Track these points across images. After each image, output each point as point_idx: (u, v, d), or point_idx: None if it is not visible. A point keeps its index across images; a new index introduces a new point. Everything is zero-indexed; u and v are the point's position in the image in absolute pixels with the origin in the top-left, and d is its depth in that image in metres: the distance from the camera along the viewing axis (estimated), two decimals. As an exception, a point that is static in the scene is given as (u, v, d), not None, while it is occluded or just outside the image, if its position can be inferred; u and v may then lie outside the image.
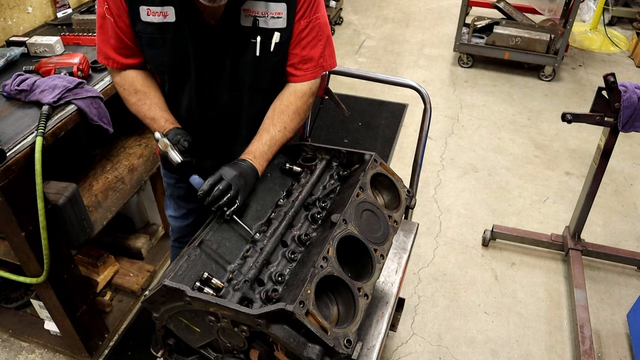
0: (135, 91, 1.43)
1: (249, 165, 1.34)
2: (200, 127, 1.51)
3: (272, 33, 1.34)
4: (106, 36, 1.37)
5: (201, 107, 1.47)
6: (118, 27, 1.34)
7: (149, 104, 1.43)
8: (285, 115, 1.42)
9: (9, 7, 2.13)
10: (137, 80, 1.44)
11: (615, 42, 4.75)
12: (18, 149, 1.52)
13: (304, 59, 1.41)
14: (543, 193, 3.04)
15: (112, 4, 1.30)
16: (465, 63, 4.36)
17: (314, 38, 1.38)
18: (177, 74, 1.41)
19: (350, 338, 1.07)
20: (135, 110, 1.46)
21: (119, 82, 1.45)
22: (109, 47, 1.38)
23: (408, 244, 1.74)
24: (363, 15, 5.41)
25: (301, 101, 1.44)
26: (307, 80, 1.44)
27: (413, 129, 3.62)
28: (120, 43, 1.37)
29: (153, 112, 1.43)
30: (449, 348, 2.20)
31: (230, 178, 1.27)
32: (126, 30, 1.34)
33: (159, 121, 1.42)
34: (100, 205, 1.99)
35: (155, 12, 1.29)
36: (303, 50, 1.39)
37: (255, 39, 1.34)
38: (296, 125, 1.45)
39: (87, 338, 2.03)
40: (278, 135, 1.41)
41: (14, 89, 1.68)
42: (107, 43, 1.38)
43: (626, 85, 1.98)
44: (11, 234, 1.64)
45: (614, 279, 2.52)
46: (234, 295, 1.17)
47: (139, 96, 1.44)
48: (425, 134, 1.77)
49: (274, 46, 1.35)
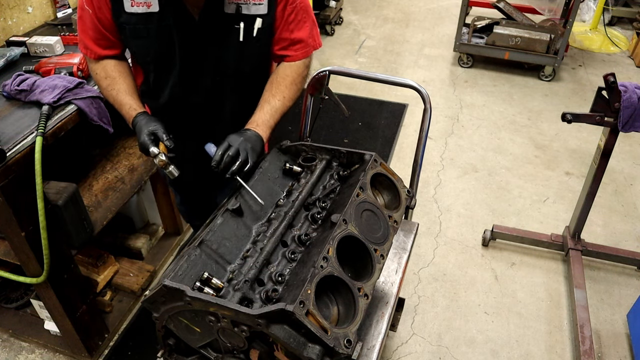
0: (106, 76, 1.48)
1: (254, 133, 1.40)
2: (183, 110, 1.55)
3: (255, 19, 1.39)
4: (85, 27, 1.41)
5: (185, 93, 1.52)
6: (97, 18, 1.37)
7: (117, 89, 1.47)
8: (283, 86, 1.48)
9: (9, 7, 2.13)
10: (109, 66, 1.48)
11: (615, 42, 4.75)
12: (18, 149, 1.51)
13: (293, 41, 1.48)
14: (543, 193, 3.04)
15: None
16: (465, 63, 4.36)
17: (300, 21, 1.45)
18: (162, 63, 1.45)
19: (350, 338, 1.07)
20: (106, 95, 1.50)
21: (94, 68, 1.50)
22: (88, 38, 1.43)
23: (408, 244, 1.74)
24: (363, 15, 5.41)
25: (296, 73, 1.51)
26: (298, 60, 1.51)
27: (413, 129, 3.62)
28: (98, 34, 1.41)
29: (120, 97, 1.46)
30: (449, 348, 2.20)
31: (237, 144, 1.33)
32: (106, 22, 1.38)
33: (125, 107, 1.46)
34: (100, 205, 1.99)
35: (139, 3, 1.33)
36: (292, 34, 1.46)
37: (239, 25, 1.39)
38: (294, 94, 1.51)
39: (87, 338, 2.03)
40: (278, 104, 1.47)
41: (14, 89, 1.68)
42: (86, 34, 1.42)
43: (626, 85, 1.98)
44: (11, 234, 1.64)
45: (614, 279, 2.52)
46: (234, 295, 1.17)
47: (108, 81, 1.48)
48: (425, 134, 1.76)
49: (257, 32, 1.41)
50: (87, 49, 1.46)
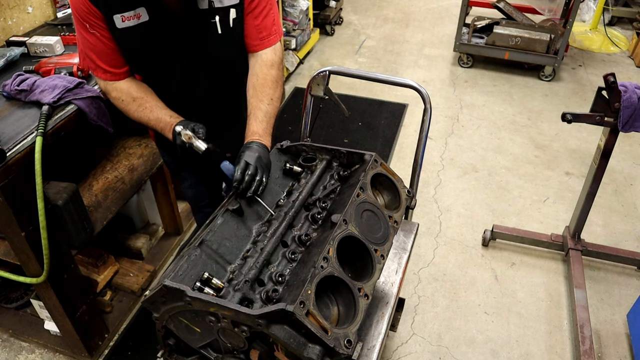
0: (133, 99, 1.50)
1: (261, 145, 1.44)
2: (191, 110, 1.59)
3: (228, 10, 1.44)
4: (98, 52, 1.43)
5: (187, 91, 1.58)
6: (105, 38, 1.40)
7: (149, 107, 1.50)
8: (267, 88, 1.52)
9: (9, 7, 2.13)
10: (132, 89, 1.50)
11: (615, 42, 4.75)
12: (18, 149, 1.52)
13: (257, 28, 1.51)
14: (543, 193, 3.04)
15: (91, 20, 1.36)
16: (465, 63, 4.36)
17: (263, 8, 1.50)
18: (158, 68, 1.51)
19: (350, 338, 1.07)
20: (138, 116, 1.52)
21: (116, 96, 1.51)
22: (104, 62, 1.45)
23: (408, 244, 1.74)
24: (363, 15, 5.41)
25: (273, 69, 1.54)
26: (266, 48, 1.54)
27: (413, 129, 3.62)
28: (113, 54, 1.44)
29: (156, 113, 1.50)
30: (449, 348, 2.20)
31: (254, 162, 1.38)
32: (111, 39, 1.41)
33: (164, 119, 1.49)
34: (100, 205, 1.99)
35: (129, 17, 1.36)
36: (256, 20, 1.50)
37: (214, 19, 1.44)
38: (279, 93, 1.55)
39: (87, 338, 2.03)
40: (269, 108, 1.50)
41: (14, 89, 1.68)
42: (101, 58, 1.44)
43: (626, 85, 1.98)
44: (11, 234, 1.64)
45: (614, 279, 2.52)
46: (234, 295, 1.17)
47: (138, 102, 1.50)
48: (425, 134, 1.77)
49: (232, 22, 1.47)
50: (107, 73, 1.47)
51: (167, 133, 1.49)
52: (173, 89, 1.58)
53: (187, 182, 1.97)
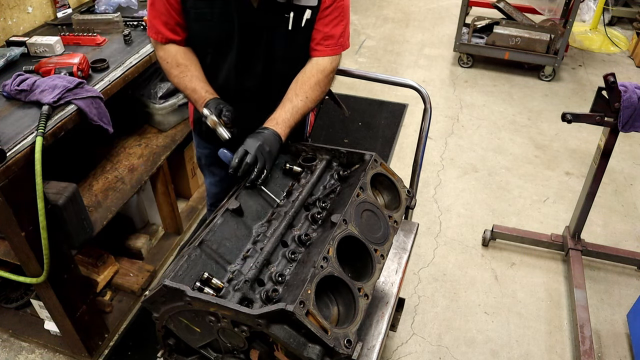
0: (177, 64, 1.53)
1: (271, 132, 1.43)
2: (235, 95, 1.59)
3: (304, 10, 1.46)
4: (157, 12, 1.48)
5: (238, 77, 1.57)
6: (169, 3, 1.44)
7: (190, 76, 1.53)
8: (307, 86, 1.53)
9: (9, 7, 2.13)
10: (179, 54, 1.54)
11: (615, 42, 4.75)
12: (18, 149, 1.52)
13: (326, 35, 1.53)
14: (543, 193, 3.04)
15: None
16: (465, 63, 4.36)
17: (336, 17, 1.52)
18: (220, 47, 1.52)
19: (350, 338, 1.07)
20: (177, 82, 1.55)
21: (163, 56, 1.55)
22: (159, 22, 1.49)
23: (408, 244, 1.74)
24: (363, 15, 5.41)
25: (322, 74, 1.55)
26: (327, 56, 1.56)
27: (413, 129, 3.62)
28: (170, 19, 1.48)
29: (194, 84, 1.52)
30: (449, 348, 2.20)
31: (254, 150, 1.36)
32: (176, 6, 1.45)
33: (199, 92, 1.51)
34: (100, 205, 1.99)
35: None
36: (325, 27, 1.52)
37: (289, 15, 1.45)
38: (317, 96, 1.55)
39: (87, 338, 2.03)
40: (300, 104, 1.51)
41: (14, 89, 1.68)
42: (158, 19, 1.49)
43: (626, 85, 1.98)
44: (11, 234, 1.64)
45: (614, 279, 2.52)
46: (234, 295, 1.17)
47: (180, 69, 1.53)
48: (425, 134, 1.77)
49: (305, 22, 1.48)
50: (158, 33, 1.51)
51: (199, 107, 1.51)
52: (225, 73, 1.57)
53: (215, 178, 1.94)
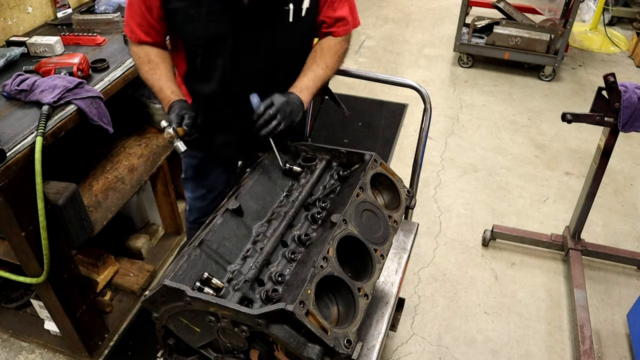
0: (149, 61, 1.53)
1: (296, 97, 1.46)
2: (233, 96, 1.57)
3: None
4: (133, 13, 1.48)
5: (237, 77, 1.53)
6: (146, 7, 1.44)
7: (158, 74, 1.52)
8: (327, 56, 1.55)
9: (9, 7, 2.13)
10: (152, 52, 1.54)
11: (615, 42, 4.75)
12: (18, 149, 1.52)
13: (337, 19, 1.53)
14: (543, 193, 3.04)
15: None
16: (465, 63, 4.36)
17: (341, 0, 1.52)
18: (212, 47, 1.48)
19: (350, 338, 1.07)
20: (146, 77, 1.55)
21: (135, 51, 1.55)
22: (134, 23, 1.49)
23: (408, 244, 1.74)
24: (363, 15, 5.40)
25: (339, 45, 1.57)
26: (341, 36, 1.57)
27: (413, 129, 3.62)
28: (144, 21, 1.48)
29: (161, 83, 1.52)
30: (449, 348, 2.20)
31: (278, 104, 1.40)
32: (154, 10, 1.44)
33: (165, 91, 1.50)
34: (100, 205, 1.99)
35: None
36: (335, 12, 1.52)
37: (288, 6, 1.43)
38: (336, 64, 1.58)
39: (87, 338, 2.03)
40: (321, 72, 1.53)
41: (14, 89, 1.68)
42: (133, 19, 1.49)
43: (626, 85, 1.98)
44: (11, 234, 1.64)
45: (614, 279, 2.52)
46: (234, 295, 1.17)
47: (151, 65, 1.53)
48: (425, 134, 1.77)
49: (305, 11, 1.46)
50: (132, 33, 1.52)
51: (165, 106, 1.51)
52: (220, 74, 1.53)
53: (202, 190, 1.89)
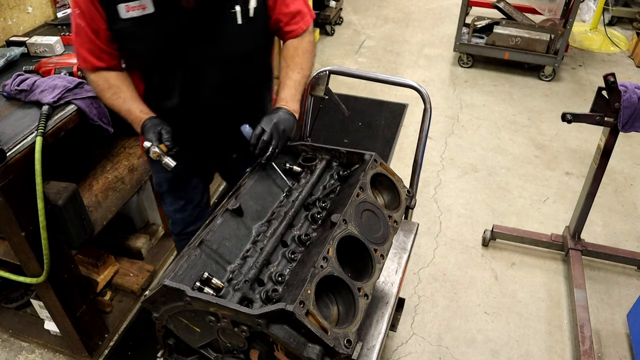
0: (109, 86, 1.47)
1: (285, 112, 1.45)
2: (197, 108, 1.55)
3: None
4: (81, 40, 1.42)
5: (198, 88, 1.50)
6: (93, 31, 1.38)
7: (123, 98, 1.47)
8: (297, 58, 1.53)
9: (9, 7, 2.13)
10: (111, 77, 1.48)
11: (615, 42, 4.75)
12: (18, 149, 1.52)
13: (293, 14, 1.51)
14: (543, 193, 3.04)
15: (84, 8, 1.34)
16: (465, 63, 4.36)
17: None
18: (166, 63, 1.45)
19: (350, 338, 1.07)
20: (110, 104, 1.49)
21: (94, 79, 1.49)
22: (85, 50, 1.43)
23: (408, 244, 1.74)
24: (363, 15, 5.41)
25: (304, 42, 1.55)
26: (303, 31, 1.55)
27: (413, 129, 3.62)
28: (93, 46, 1.41)
29: (128, 105, 1.47)
30: (449, 348, 2.20)
31: (270, 128, 1.40)
32: (101, 33, 1.38)
33: (134, 112, 1.47)
34: (100, 205, 1.99)
35: (134, 7, 1.33)
36: (288, 7, 1.49)
37: (235, 9, 1.40)
38: (309, 63, 1.57)
39: (87, 338, 2.03)
40: (298, 77, 1.52)
41: (14, 89, 1.68)
42: (83, 47, 1.43)
43: (626, 85, 1.98)
44: (11, 234, 1.64)
45: (614, 279, 2.52)
46: (234, 295, 1.17)
47: (113, 90, 1.47)
48: (425, 134, 1.77)
49: (253, 11, 1.43)
50: (86, 62, 1.46)
51: (137, 127, 1.47)
52: (178, 89, 1.50)
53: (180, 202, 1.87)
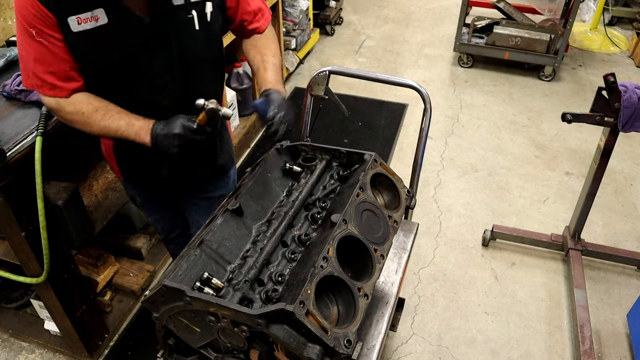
0: (95, 109, 1.33)
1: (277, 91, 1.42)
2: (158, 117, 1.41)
3: (204, 4, 1.38)
4: (45, 67, 1.26)
5: (155, 100, 1.42)
6: (56, 46, 1.24)
7: (116, 113, 1.34)
8: (271, 45, 1.56)
9: (9, 7, 2.13)
10: (90, 97, 1.35)
11: (615, 42, 4.75)
12: (18, 149, 1.52)
13: (255, 12, 1.53)
14: (543, 193, 3.04)
15: (39, 24, 1.20)
16: (465, 63, 4.36)
17: None
18: (123, 76, 1.35)
19: (350, 338, 1.07)
20: (104, 125, 1.34)
21: (73, 110, 1.32)
22: (53, 77, 1.28)
23: (408, 244, 1.74)
24: (363, 15, 5.41)
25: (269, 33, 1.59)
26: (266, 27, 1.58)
27: (413, 129, 3.62)
28: (61, 67, 1.28)
29: (125, 119, 1.34)
30: (449, 348, 2.20)
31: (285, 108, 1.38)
32: (63, 47, 1.25)
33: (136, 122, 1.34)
34: (100, 205, 1.99)
35: (85, 19, 1.23)
36: (249, 6, 1.51)
37: (192, 14, 1.36)
38: (278, 49, 1.59)
39: (87, 338, 2.03)
40: (276, 61, 1.53)
41: (14, 89, 1.68)
42: (48, 74, 1.27)
43: (626, 85, 1.98)
44: (11, 234, 1.64)
45: (614, 279, 2.52)
46: (234, 295, 1.17)
47: (102, 111, 1.33)
48: (425, 134, 1.77)
49: (210, 15, 1.40)
50: (56, 90, 1.30)
51: (144, 136, 1.34)
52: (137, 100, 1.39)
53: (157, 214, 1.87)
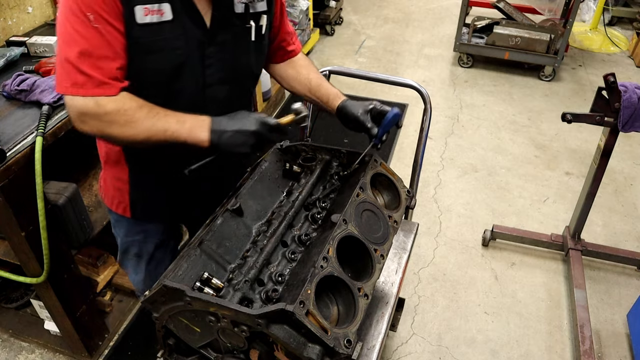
0: (140, 106, 1.15)
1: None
2: None
3: (260, 16, 1.35)
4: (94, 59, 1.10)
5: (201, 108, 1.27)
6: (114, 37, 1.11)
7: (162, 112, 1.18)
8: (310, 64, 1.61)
9: (9, 7, 2.13)
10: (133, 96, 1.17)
11: (615, 42, 4.75)
12: (18, 149, 1.52)
13: (291, 34, 1.54)
14: (543, 193, 3.04)
15: (100, 9, 1.07)
16: (465, 63, 4.36)
17: (284, 14, 1.50)
18: (174, 78, 1.25)
19: (350, 338, 1.07)
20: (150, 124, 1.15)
21: (115, 107, 1.12)
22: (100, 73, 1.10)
23: (408, 244, 1.74)
24: (363, 15, 5.41)
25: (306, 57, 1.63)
26: (300, 50, 1.60)
27: (413, 129, 3.62)
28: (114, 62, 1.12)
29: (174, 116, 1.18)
30: (449, 348, 2.20)
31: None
32: (121, 41, 1.13)
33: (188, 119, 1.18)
34: (100, 205, 1.99)
35: (153, 11, 1.13)
36: (287, 27, 1.51)
37: (250, 24, 1.33)
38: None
39: (87, 338, 2.03)
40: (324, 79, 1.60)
41: (14, 89, 1.68)
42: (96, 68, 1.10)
43: (626, 85, 1.98)
44: (11, 234, 1.64)
45: (614, 279, 2.52)
46: (234, 295, 1.17)
47: (146, 108, 1.16)
48: (425, 134, 1.77)
49: (264, 29, 1.38)
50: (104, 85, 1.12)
51: (200, 133, 1.17)
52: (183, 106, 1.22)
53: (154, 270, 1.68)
